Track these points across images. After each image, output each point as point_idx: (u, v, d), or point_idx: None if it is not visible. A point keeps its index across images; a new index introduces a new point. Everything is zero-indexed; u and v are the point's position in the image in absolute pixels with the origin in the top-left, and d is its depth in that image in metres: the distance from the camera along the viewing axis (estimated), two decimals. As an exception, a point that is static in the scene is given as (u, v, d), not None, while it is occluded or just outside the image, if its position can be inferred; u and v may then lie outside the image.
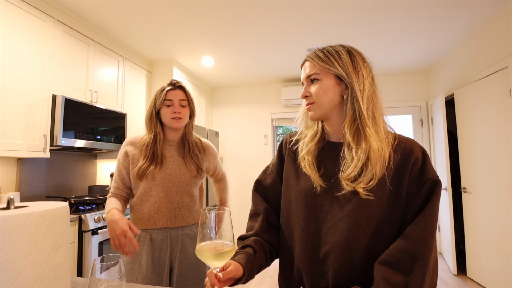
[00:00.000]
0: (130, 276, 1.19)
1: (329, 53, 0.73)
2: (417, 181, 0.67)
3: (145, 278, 1.18)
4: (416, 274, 0.59)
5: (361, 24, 2.58)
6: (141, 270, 1.19)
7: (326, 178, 0.73)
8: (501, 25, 2.35)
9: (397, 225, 0.67)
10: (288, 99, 4.16)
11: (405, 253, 0.61)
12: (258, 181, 0.88)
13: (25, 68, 1.93)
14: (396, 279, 0.59)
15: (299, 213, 0.74)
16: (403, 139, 0.72)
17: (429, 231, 0.62)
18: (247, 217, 3.10)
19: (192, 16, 2.41)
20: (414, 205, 0.66)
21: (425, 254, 0.60)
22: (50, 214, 0.50)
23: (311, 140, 0.79)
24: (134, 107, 3.08)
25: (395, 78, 4.03)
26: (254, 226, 0.82)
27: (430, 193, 0.65)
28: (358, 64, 0.72)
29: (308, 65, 0.76)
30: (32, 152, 1.95)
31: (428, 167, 0.67)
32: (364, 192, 0.65)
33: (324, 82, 0.73)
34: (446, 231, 3.17)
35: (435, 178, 0.66)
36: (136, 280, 1.18)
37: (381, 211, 0.66)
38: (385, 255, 0.63)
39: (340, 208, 0.69)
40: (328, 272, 0.68)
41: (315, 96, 0.74)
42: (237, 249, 0.76)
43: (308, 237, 0.72)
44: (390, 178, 0.67)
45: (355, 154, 0.68)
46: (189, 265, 1.25)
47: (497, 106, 2.41)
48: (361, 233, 0.66)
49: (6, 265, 0.44)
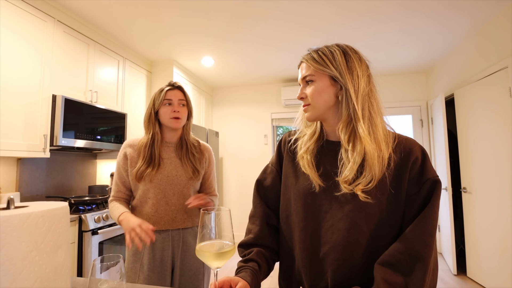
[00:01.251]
0: (132, 275, 1.19)
1: (323, 54, 0.73)
2: (417, 181, 0.66)
3: (147, 277, 1.18)
4: (416, 275, 0.59)
5: (361, 24, 2.58)
6: (143, 269, 1.19)
7: (325, 177, 0.72)
8: (501, 25, 2.35)
9: (396, 225, 0.67)
10: (288, 99, 4.16)
11: (405, 253, 0.61)
12: (258, 181, 0.88)
13: (25, 68, 1.93)
14: (396, 280, 0.59)
15: (298, 213, 0.74)
16: (403, 138, 0.72)
17: (429, 232, 0.62)
18: (247, 217, 3.11)
19: (192, 16, 2.41)
20: (414, 205, 0.66)
21: (425, 255, 0.60)
22: (50, 214, 0.50)
23: (309, 138, 0.78)
24: (134, 107, 3.08)
25: (395, 78, 4.03)
26: (253, 230, 0.81)
27: (430, 193, 0.65)
28: (353, 64, 0.71)
29: (303, 67, 0.76)
30: (32, 152, 1.95)
31: (428, 166, 0.67)
32: (362, 195, 0.65)
33: (318, 83, 0.73)
34: (446, 231, 3.17)
35: (435, 178, 0.66)
36: (138, 279, 1.18)
37: (380, 211, 0.66)
38: (385, 256, 0.63)
39: (339, 208, 0.68)
40: (328, 272, 0.68)
41: (310, 97, 0.74)
42: (240, 262, 0.76)
43: (307, 237, 0.72)
44: (390, 179, 0.66)
45: (351, 156, 0.68)
46: (190, 264, 1.25)
47: (497, 106, 2.41)
48: (360, 233, 0.66)
49: (6, 265, 0.43)
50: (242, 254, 0.79)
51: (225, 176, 4.47)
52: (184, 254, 1.25)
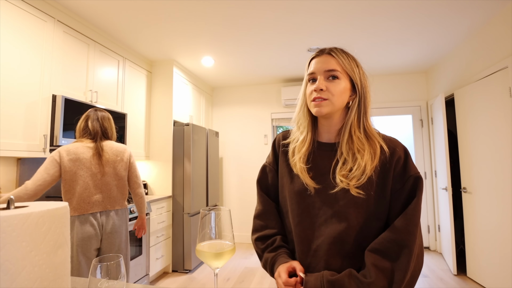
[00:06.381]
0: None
1: (351, 58, 0.78)
2: (401, 178, 0.73)
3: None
4: (402, 261, 0.66)
5: (361, 24, 2.58)
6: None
7: (318, 179, 0.77)
8: (501, 25, 2.35)
9: (383, 218, 0.74)
10: (288, 99, 4.16)
11: (393, 242, 0.68)
12: (259, 181, 0.92)
13: (25, 68, 1.93)
14: (385, 265, 0.67)
15: (293, 210, 0.79)
16: (387, 139, 0.77)
17: (414, 223, 0.69)
18: (247, 217, 3.12)
19: (192, 16, 2.41)
20: (399, 200, 0.72)
21: (410, 243, 0.67)
22: (50, 214, 0.50)
23: (302, 145, 0.81)
24: (134, 107, 3.08)
25: (395, 78, 4.03)
26: (269, 224, 0.84)
27: (414, 188, 0.72)
28: (365, 75, 0.79)
29: (330, 60, 0.76)
30: (32, 152, 1.95)
31: (410, 164, 0.74)
32: (355, 190, 0.71)
33: (342, 82, 0.76)
34: (446, 231, 3.17)
35: (417, 174, 0.73)
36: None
37: (368, 206, 0.72)
38: (375, 244, 0.70)
39: (332, 205, 0.74)
40: (320, 263, 0.73)
41: (332, 93, 0.75)
42: (267, 252, 0.80)
43: (302, 231, 0.77)
44: (376, 176, 0.73)
45: (347, 155, 0.74)
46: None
47: (497, 106, 2.41)
48: (351, 227, 0.72)
49: (6, 265, 0.44)
50: (264, 245, 0.82)
51: (225, 176, 4.47)
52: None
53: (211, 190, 3.75)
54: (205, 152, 3.61)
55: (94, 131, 1.72)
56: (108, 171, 1.69)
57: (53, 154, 1.59)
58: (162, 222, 2.99)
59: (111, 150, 1.74)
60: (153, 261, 2.81)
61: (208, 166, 3.69)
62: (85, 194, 1.61)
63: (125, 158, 1.78)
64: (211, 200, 3.74)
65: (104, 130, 1.76)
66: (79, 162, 1.62)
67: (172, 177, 3.26)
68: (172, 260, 3.19)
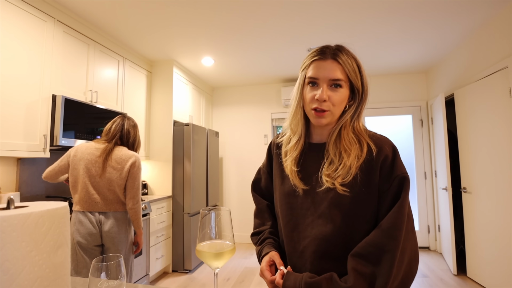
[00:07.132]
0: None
1: (354, 59, 0.73)
2: (388, 178, 0.69)
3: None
4: (384, 266, 0.63)
5: (361, 24, 2.58)
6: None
7: (307, 180, 0.76)
8: (500, 25, 2.35)
9: (370, 220, 0.70)
10: (288, 99, 4.15)
11: (374, 246, 0.65)
12: (254, 182, 0.96)
13: (25, 68, 1.93)
14: (366, 270, 0.64)
15: (282, 211, 0.80)
16: (375, 137, 0.75)
17: (396, 226, 0.65)
18: (247, 217, 3.13)
19: (192, 17, 2.41)
20: (386, 201, 0.69)
21: (391, 247, 0.63)
22: (50, 214, 0.50)
23: (294, 148, 0.80)
24: (134, 107, 3.08)
25: (395, 78, 4.03)
26: (265, 222, 0.88)
27: (400, 190, 0.68)
28: (366, 78, 0.75)
29: (336, 68, 0.71)
30: (32, 152, 1.95)
31: (397, 164, 0.70)
32: (340, 188, 0.69)
33: (344, 91, 0.73)
34: (446, 231, 3.17)
35: (403, 174, 0.69)
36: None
37: (355, 207, 0.70)
38: (358, 248, 0.67)
39: (319, 206, 0.73)
40: (306, 264, 0.73)
41: (334, 103, 0.72)
42: (257, 245, 0.85)
43: (289, 232, 0.77)
44: (362, 174, 0.70)
45: (333, 155, 0.74)
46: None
47: (497, 106, 2.41)
48: (337, 228, 0.70)
49: (6, 265, 0.44)
50: (256, 240, 0.86)
51: (225, 176, 4.47)
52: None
53: (211, 190, 3.75)
54: (205, 152, 3.61)
55: (113, 133, 1.80)
56: (106, 176, 1.70)
57: (70, 149, 1.77)
58: (162, 222, 2.99)
59: (116, 156, 1.73)
60: (153, 261, 2.81)
61: (208, 166, 3.69)
62: (84, 193, 1.67)
63: (125, 168, 1.73)
64: (211, 200, 3.74)
65: (124, 134, 1.82)
66: (82, 162, 1.69)
67: (172, 177, 3.26)
68: (172, 260, 3.19)
